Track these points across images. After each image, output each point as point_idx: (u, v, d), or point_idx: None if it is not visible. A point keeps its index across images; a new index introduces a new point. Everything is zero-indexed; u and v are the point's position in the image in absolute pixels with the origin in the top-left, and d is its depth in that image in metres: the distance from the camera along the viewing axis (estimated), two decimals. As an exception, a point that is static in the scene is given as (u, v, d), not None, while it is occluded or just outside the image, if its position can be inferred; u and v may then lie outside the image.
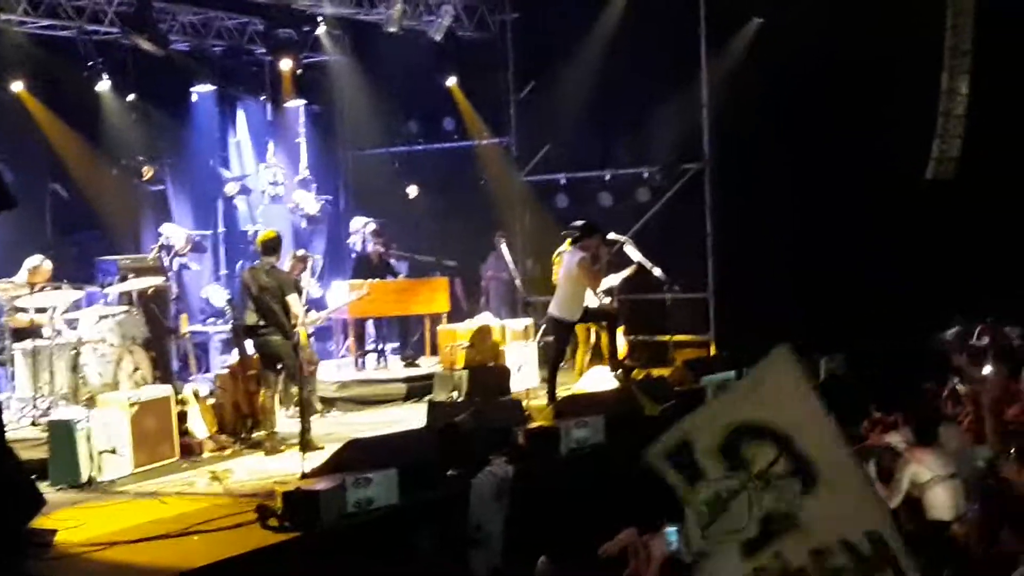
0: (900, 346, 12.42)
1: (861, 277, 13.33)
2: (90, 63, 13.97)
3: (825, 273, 13.59)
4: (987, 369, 10.10)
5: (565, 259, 12.10)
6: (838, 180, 13.65)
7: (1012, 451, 7.29)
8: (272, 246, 10.43)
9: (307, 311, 11.95)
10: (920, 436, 7.58)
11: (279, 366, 10.39)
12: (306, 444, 9.66)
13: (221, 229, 16.42)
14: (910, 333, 12.59)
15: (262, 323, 10.21)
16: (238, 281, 15.29)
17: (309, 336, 11.70)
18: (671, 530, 5.89)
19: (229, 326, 12.55)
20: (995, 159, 13.19)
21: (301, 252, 11.84)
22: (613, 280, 13.16)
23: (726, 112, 14.68)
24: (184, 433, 10.06)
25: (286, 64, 15.27)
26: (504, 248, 15.19)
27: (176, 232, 13.80)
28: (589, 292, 11.98)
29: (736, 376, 11.71)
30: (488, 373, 12.61)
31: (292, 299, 10.21)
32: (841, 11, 13.24)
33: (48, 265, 11.29)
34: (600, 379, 12.25)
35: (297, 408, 10.70)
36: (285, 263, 11.69)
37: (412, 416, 11.44)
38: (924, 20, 13.22)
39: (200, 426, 10.30)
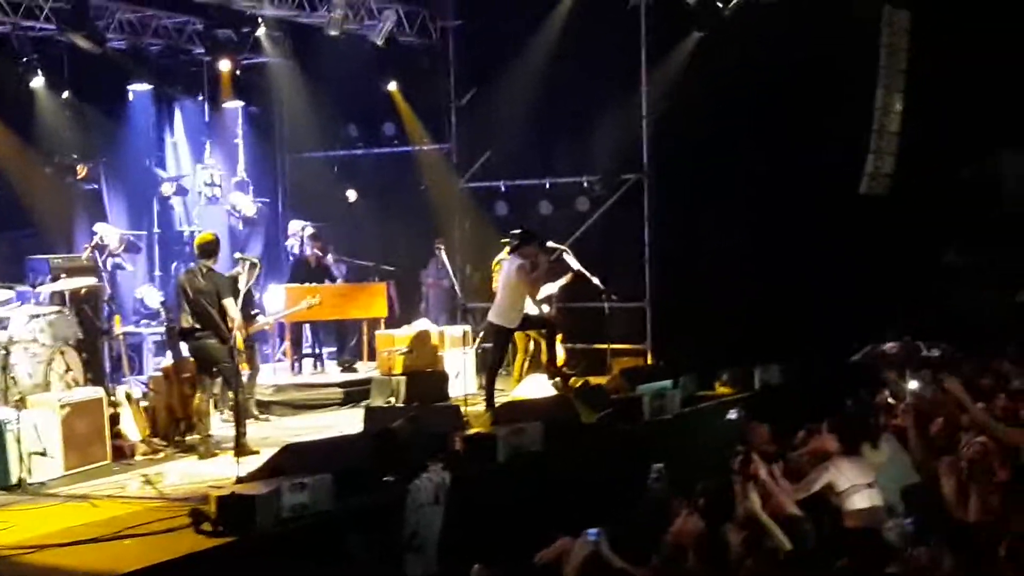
0: (834, 357, 12.65)
1: (797, 288, 13.51)
2: (24, 59, 13.72)
3: (762, 284, 13.76)
4: (913, 384, 10.31)
5: (504, 266, 12.12)
6: (776, 192, 13.83)
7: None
8: (209, 249, 10.33)
9: (255, 316, 11.87)
10: (845, 446, 7.74)
11: (215, 369, 10.29)
12: (241, 448, 9.58)
13: (156, 229, 16.21)
14: (844, 344, 12.83)
15: (198, 326, 10.11)
16: (173, 283, 15.18)
17: (250, 340, 11.59)
18: (592, 531, 6.01)
19: (163, 328, 12.41)
20: (928, 176, 13.47)
21: (252, 258, 11.62)
22: (551, 288, 13.20)
23: (666, 123, 14.82)
24: (116, 436, 9.95)
25: (225, 65, 15.13)
26: (443, 254, 15.18)
27: (110, 232, 13.63)
28: (529, 300, 12.01)
29: (672, 385, 11.83)
30: (426, 379, 12.61)
31: (228, 303, 10.11)
32: (779, 27, 13.42)
33: None
34: (538, 386, 12.28)
35: (232, 412, 10.60)
36: (236, 268, 11.57)
37: (349, 421, 11.42)
38: (861, 37, 13.46)
39: (133, 429, 10.19)
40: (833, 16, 13.07)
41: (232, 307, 10.09)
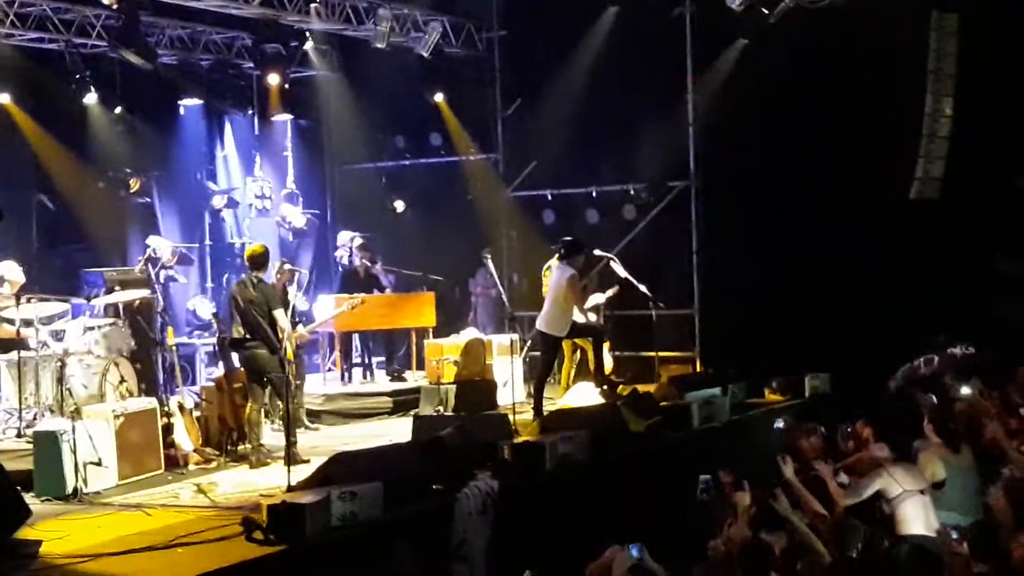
0: (885, 364, 12.53)
1: (846, 295, 13.40)
2: (77, 76, 13.96)
3: (810, 290, 13.66)
4: (965, 389, 10.21)
5: (553, 275, 12.14)
6: (823, 198, 13.73)
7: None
8: (260, 260, 10.45)
9: (296, 325, 11.96)
10: (896, 452, 7.68)
11: (265, 379, 10.39)
12: (291, 457, 9.67)
13: (208, 242, 16.42)
14: (895, 352, 12.70)
15: (248, 337, 10.22)
16: (225, 294, 15.37)
17: (298, 349, 11.70)
18: (633, 547, 5.99)
19: (215, 339, 12.55)
20: (979, 180, 13.32)
21: (288, 265, 11.83)
22: (599, 297, 13.22)
23: (712, 130, 14.77)
24: (169, 445, 10.06)
25: (274, 79, 15.30)
26: (490, 263, 15.22)
27: (163, 244, 13.80)
28: (576, 308, 12.03)
29: (721, 393, 11.79)
30: (474, 388, 12.63)
31: (279, 314, 10.21)
32: (826, 33, 13.35)
33: (17, 269, 11.18)
34: (585, 394, 12.28)
35: (283, 421, 10.69)
36: (271, 274, 11.71)
37: (398, 430, 11.46)
38: (909, 42, 13.35)
39: (185, 439, 10.30)
40: (881, 20, 12.97)
41: (282, 318, 10.20)
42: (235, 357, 10.73)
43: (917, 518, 7.32)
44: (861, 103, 13.52)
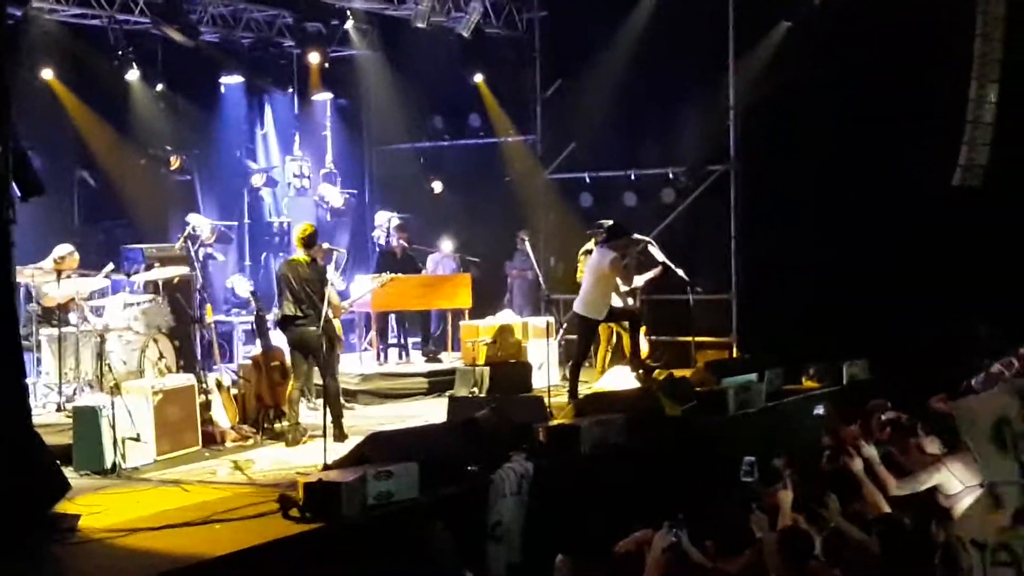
0: (924, 352, 12.40)
1: (886, 282, 13.28)
2: (120, 52, 14.02)
3: (849, 277, 13.55)
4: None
5: (593, 258, 12.10)
6: (864, 184, 13.60)
7: None
8: (312, 239, 10.54)
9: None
10: (949, 446, 7.58)
11: (310, 357, 10.43)
12: (336, 435, 9.77)
13: (246, 220, 16.50)
14: (934, 339, 12.56)
15: (299, 314, 10.26)
16: (263, 272, 15.45)
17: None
18: (671, 529, 5.97)
19: (253, 317, 12.61)
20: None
21: (326, 245, 11.88)
22: (638, 281, 13.17)
23: (753, 114, 14.64)
24: (207, 422, 10.13)
25: (314, 57, 15.34)
26: (527, 245, 15.23)
27: (202, 222, 13.88)
28: (613, 292, 12.00)
29: (758, 378, 11.71)
30: (509, 369, 12.65)
31: (331, 291, 10.37)
32: (870, 16, 13.20)
33: (76, 255, 11.37)
34: (621, 378, 12.26)
35: (319, 400, 10.75)
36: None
37: (433, 411, 11.50)
38: (954, 27, 13.18)
39: (223, 416, 10.37)
40: (926, 4, 12.82)
41: (335, 295, 10.31)
42: (273, 335, 10.79)
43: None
44: (904, 88, 13.37)
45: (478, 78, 16.18)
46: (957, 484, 7.33)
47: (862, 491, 7.42)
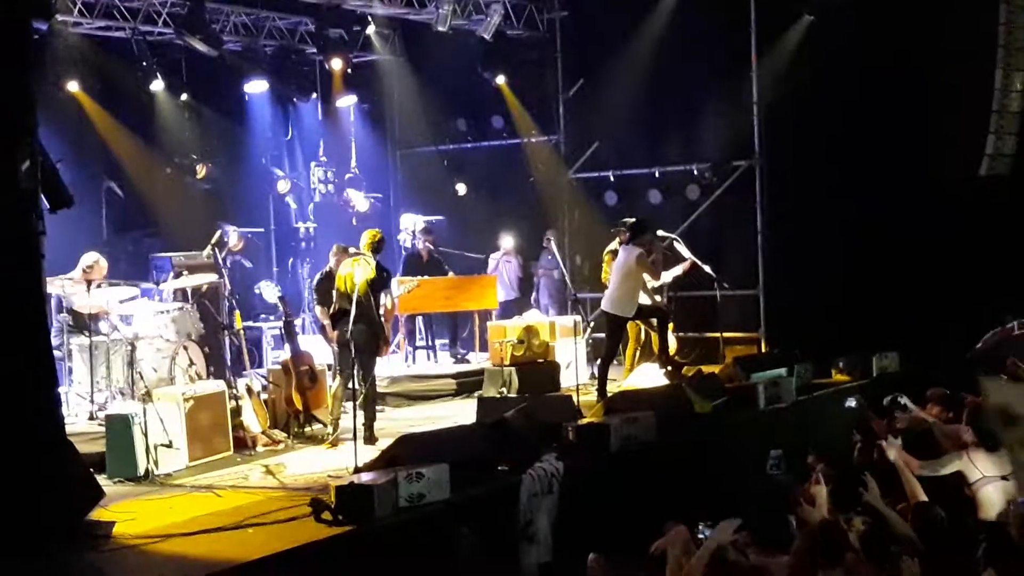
0: (953, 343, 12.33)
1: (913, 273, 13.22)
2: (144, 63, 14.12)
3: (876, 269, 13.49)
4: None
5: (620, 255, 12.09)
6: (890, 176, 13.54)
7: None
8: (380, 246, 10.67)
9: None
10: (983, 441, 7.57)
11: (354, 358, 10.43)
12: (369, 437, 9.79)
13: (272, 227, 16.58)
14: (962, 331, 12.49)
15: (358, 313, 10.26)
16: (290, 278, 15.52)
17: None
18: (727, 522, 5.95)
19: (281, 322, 12.66)
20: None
21: (352, 249, 11.90)
22: (666, 277, 13.14)
23: (777, 108, 14.60)
24: (238, 427, 10.17)
25: (337, 63, 15.39)
26: (553, 245, 15.23)
27: (230, 230, 13.95)
28: (641, 289, 11.99)
29: (787, 373, 11.68)
30: (538, 369, 12.66)
31: (385, 296, 10.47)
32: (894, 8, 13.14)
33: (104, 263, 11.47)
34: (650, 376, 12.23)
35: (348, 403, 10.77)
36: (330, 257, 11.83)
37: (462, 412, 11.52)
38: (978, 16, 13.09)
39: (253, 421, 10.40)
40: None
41: (388, 300, 10.61)
42: (307, 339, 10.82)
43: (998, 503, 7.23)
44: (929, 79, 13.30)
45: (500, 80, 16.20)
46: (977, 473, 7.34)
47: (895, 481, 7.41)
